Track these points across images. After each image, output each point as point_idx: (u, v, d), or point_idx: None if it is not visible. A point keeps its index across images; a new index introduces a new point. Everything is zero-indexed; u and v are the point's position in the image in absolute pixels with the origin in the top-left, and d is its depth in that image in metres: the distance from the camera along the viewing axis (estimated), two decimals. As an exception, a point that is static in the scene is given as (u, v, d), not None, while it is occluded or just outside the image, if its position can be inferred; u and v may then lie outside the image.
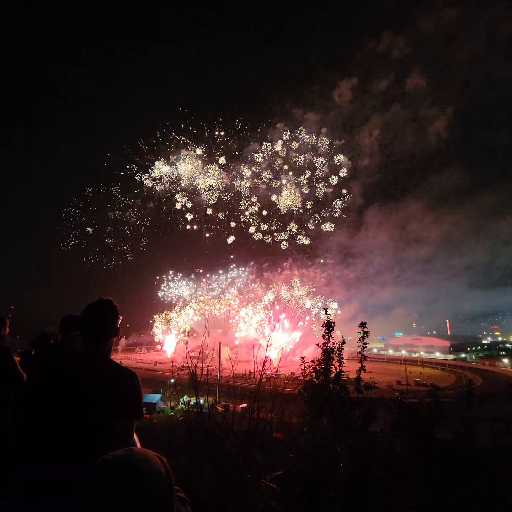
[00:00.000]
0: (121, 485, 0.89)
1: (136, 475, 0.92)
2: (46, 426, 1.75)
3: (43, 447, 1.71)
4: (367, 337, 5.21)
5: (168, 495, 0.98)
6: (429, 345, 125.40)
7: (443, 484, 3.90)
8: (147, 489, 0.92)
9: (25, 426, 1.94)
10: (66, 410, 1.75)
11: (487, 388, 55.91)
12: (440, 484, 3.89)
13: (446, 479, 3.92)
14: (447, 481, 3.90)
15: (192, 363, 5.86)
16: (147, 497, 0.90)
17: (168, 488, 0.99)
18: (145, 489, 0.91)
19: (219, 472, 4.09)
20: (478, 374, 79.27)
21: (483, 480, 4.10)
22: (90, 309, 2.16)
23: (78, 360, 2.03)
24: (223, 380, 34.30)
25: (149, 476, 0.94)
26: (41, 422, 1.79)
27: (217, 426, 5.10)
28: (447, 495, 3.84)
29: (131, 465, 0.94)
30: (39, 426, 1.78)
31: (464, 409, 5.31)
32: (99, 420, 1.74)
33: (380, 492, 3.69)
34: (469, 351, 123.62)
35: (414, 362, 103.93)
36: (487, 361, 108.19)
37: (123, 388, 1.91)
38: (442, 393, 5.68)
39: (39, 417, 1.81)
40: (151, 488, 0.93)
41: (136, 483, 0.91)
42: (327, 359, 4.99)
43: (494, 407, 22.45)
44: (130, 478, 0.91)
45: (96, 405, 1.77)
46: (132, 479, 0.91)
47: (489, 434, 5.59)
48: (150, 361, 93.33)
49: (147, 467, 0.96)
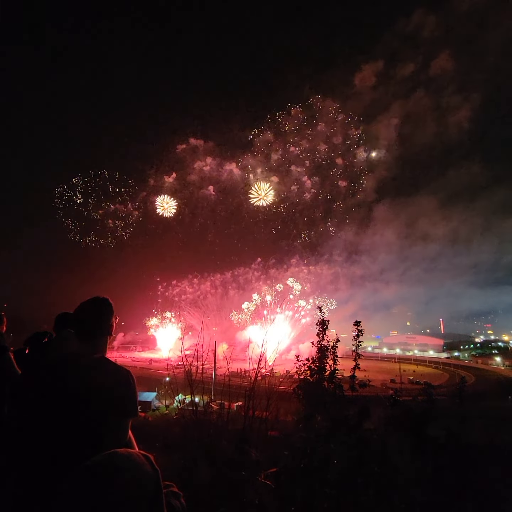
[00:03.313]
0: (103, 488, 0.90)
1: (118, 476, 0.93)
2: (40, 426, 1.74)
3: (36, 447, 1.71)
4: (361, 336, 5.25)
5: (155, 492, 1.00)
6: (423, 343, 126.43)
7: (435, 480, 3.96)
8: (130, 488, 0.93)
9: (18, 425, 1.93)
10: (59, 409, 1.73)
11: (480, 386, 56.56)
12: (432, 480, 3.94)
13: (438, 476, 3.97)
14: (438, 477, 3.96)
15: (188, 362, 5.87)
16: (131, 496, 0.92)
17: (155, 485, 1.00)
18: (129, 488, 0.93)
19: (214, 469, 4.11)
20: (471, 372, 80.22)
21: (474, 477, 4.17)
22: (85, 306, 2.15)
23: (72, 359, 2.02)
24: (219, 378, 34.33)
25: (132, 475, 0.95)
26: (34, 422, 1.78)
27: (212, 424, 5.11)
28: (439, 491, 3.90)
29: (113, 467, 0.96)
30: (32, 426, 1.77)
31: (457, 406, 5.38)
32: (93, 418, 1.73)
33: (373, 488, 3.73)
34: (462, 350, 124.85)
35: (408, 360, 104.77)
36: (479, 359, 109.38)
37: (117, 386, 1.89)
38: (436, 390, 5.74)
39: (32, 416, 1.80)
40: (135, 487, 0.94)
41: (119, 483, 0.92)
42: (322, 357, 5.03)
43: (486, 404, 22.72)
44: (113, 480, 0.92)
45: (91, 404, 1.76)
46: (115, 480, 0.92)
47: (481, 431, 5.68)
48: (145, 360, 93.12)
49: (129, 467, 0.97)
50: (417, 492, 3.85)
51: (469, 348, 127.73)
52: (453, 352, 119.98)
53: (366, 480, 3.74)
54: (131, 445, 1.90)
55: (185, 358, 5.90)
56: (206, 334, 8.49)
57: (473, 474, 4.23)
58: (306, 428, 4.32)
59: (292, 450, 4.10)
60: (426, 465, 4.02)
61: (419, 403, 5.01)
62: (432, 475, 3.99)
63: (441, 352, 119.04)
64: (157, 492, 1.01)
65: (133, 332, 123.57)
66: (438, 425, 4.54)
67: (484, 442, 5.75)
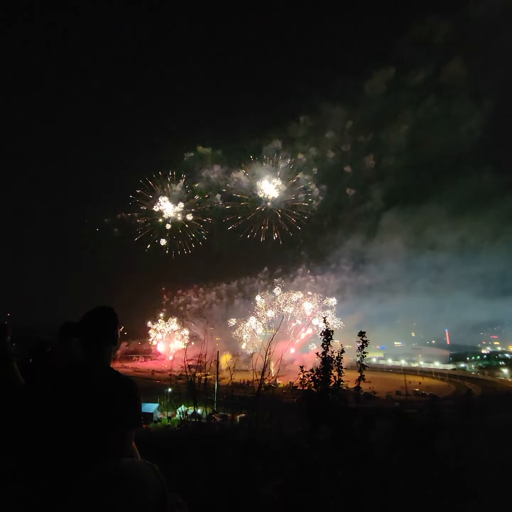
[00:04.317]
0: (109, 496, 0.91)
1: (124, 484, 0.94)
2: (43, 435, 1.74)
3: (40, 457, 1.70)
4: (366, 346, 5.20)
5: (160, 501, 1.00)
6: (428, 354, 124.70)
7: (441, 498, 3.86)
8: (136, 496, 0.93)
9: (23, 435, 1.92)
10: (63, 419, 1.74)
11: (487, 398, 55.42)
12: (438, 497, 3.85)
13: (444, 493, 3.88)
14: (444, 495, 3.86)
15: (191, 372, 5.83)
16: (137, 505, 0.92)
17: (160, 494, 1.00)
18: (135, 496, 0.93)
19: (217, 481, 4.04)
20: (478, 384, 78.67)
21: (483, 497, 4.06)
22: (90, 316, 2.16)
23: (76, 368, 2.03)
24: (222, 389, 33.95)
25: (138, 483, 0.96)
26: (38, 431, 1.78)
27: (215, 436, 5.05)
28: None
29: (118, 475, 0.96)
30: (36, 435, 1.77)
31: (464, 419, 5.28)
32: (96, 429, 1.73)
33: (377, 502, 3.65)
34: (469, 361, 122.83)
35: (413, 371, 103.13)
36: (486, 371, 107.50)
37: (121, 397, 1.89)
38: (442, 403, 5.64)
39: (37, 425, 1.80)
40: (140, 495, 0.95)
41: (125, 491, 0.93)
42: (326, 368, 4.98)
43: (493, 416, 22.23)
44: (119, 488, 0.92)
45: (94, 414, 1.76)
46: (121, 488, 0.92)
47: (490, 445, 5.55)
48: (148, 370, 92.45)
49: (136, 475, 0.97)
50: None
51: (475, 359, 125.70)
52: (459, 364, 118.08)
53: (370, 495, 3.66)
54: (134, 456, 1.89)
55: (187, 369, 5.87)
56: (210, 344, 8.46)
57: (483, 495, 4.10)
58: (310, 440, 4.25)
59: (296, 463, 4.03)
60: (431, 481, 3.93)
61: (425, 415, 4.93)
62: (438, 493, 3.89)
63: (447, 364, 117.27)
64: (162, 501, 1.01)
65: (136, 342, 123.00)
66: (444, 438, 4.45)
67: (493, 458, 5.61)
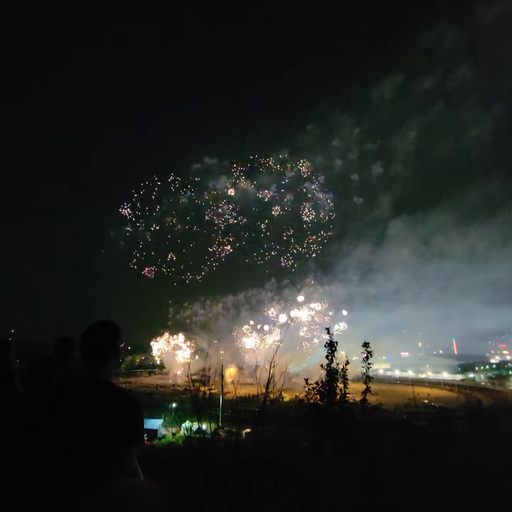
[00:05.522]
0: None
1: (123, 505, 0.92)
2: (44, 451, 1.71)
3: (40, 473, 1.67)
4: (371, 357, 5.13)
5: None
6: (436, 364, 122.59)
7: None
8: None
9: (23, 450, 1.90)
10: (64, 435, 1.71)
11: (498, 409, 54.16)
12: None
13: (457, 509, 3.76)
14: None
15: (195, 387, 5.77)
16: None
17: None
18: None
19: (221, 501, 3.94)
20: (488, 395, 77.03)
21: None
22: (91, 330, 2.15)
23: (77, 383, 2.01)
24: (226, 403, 33.45)
25: (136, 504, 0.94)
26: (38, 447, 1.75)
27: (220, 452, 4.96)
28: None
29: (117, 496, 0.95)
30: (37, 451, 1.75)
31: (475, 431, 5.15)
32: (97, 446, 1.70)
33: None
34: (478, 371, 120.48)
35: (421, 382, 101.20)
36: (496, 381, 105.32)
37: (123, 413, 1.85)
38: (452, 414, 5.52)
39: (37, 441, 1.78)
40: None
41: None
42: (331, 380, 4.90)
43: (506, 428, 21.67)
44: (117, 509, 0.91)
45: (95, 431, 1.73)
46: (119, 509, 0.91)
47: (503, 457, 5.39)
48: (152, 385, 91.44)
49: (134, 496, 0.96)
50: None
51: (484, 369, 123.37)
52: (468, 374, 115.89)
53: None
54: (137, 474, 1.85)
55: (191, 384, 5.81)
56: (215, 357, 8.40)
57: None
58: (316, 455, 4.16)
59: (302, 480, 3.93)
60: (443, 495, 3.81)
61: (435, 428, 4.82)
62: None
63: (456, 374, 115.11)
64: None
65: (140, 356, 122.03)
66: (456, 450, 4.34)
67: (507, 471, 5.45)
